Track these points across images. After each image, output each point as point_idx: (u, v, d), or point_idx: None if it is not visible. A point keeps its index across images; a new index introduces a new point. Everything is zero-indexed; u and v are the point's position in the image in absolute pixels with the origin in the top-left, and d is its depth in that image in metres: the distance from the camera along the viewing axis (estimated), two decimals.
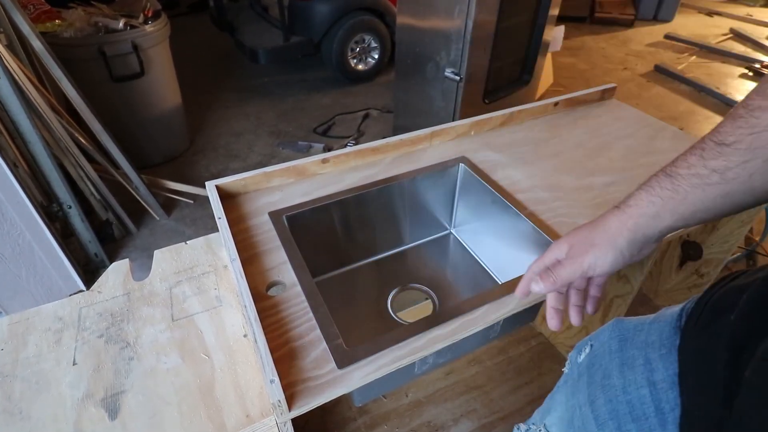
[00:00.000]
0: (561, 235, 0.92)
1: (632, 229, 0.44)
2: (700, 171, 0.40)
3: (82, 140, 1.83)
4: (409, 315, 1.10)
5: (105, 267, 1.81)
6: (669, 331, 0.46)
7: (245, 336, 0.78)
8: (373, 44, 3.30)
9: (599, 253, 0.46)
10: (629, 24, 4.60)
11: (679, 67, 3.60)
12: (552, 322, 0.56)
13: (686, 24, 4.65)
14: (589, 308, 0.55)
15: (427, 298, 1.14)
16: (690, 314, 0.45)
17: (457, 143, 1.21)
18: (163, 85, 2.30)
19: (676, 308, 0.48)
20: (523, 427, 0.65)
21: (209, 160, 2.57)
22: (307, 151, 2.66)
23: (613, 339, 0.51)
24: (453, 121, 1.78)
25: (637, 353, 0.47)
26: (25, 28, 1.63)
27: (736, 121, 0.40)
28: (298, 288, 0.80)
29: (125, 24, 2.06)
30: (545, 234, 0.93)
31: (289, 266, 0.85)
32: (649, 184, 0.44)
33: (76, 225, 1.75)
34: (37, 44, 1.67)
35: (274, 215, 0.96)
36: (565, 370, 0.60)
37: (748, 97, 0.41)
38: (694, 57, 3.82)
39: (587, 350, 0.56)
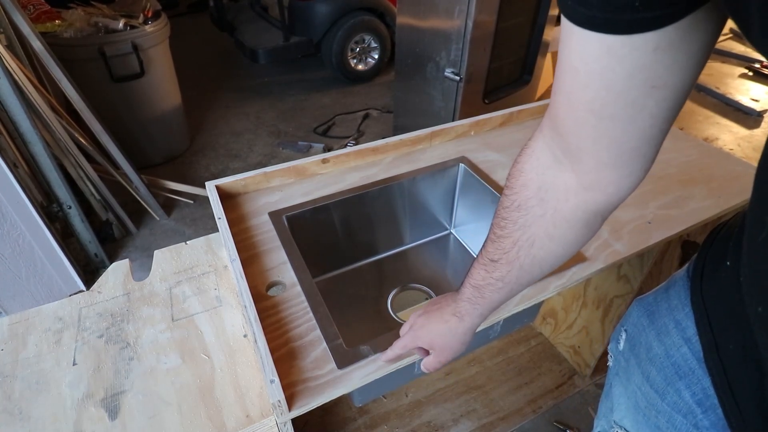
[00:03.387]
0: None
1: (473, 329, 0.60)
2: (490, 281, 0.53)
3: (82, 140, 1.83)
4: (409, 315, 1.10)
5: (105, 267, 1.81)
6: (684, 293, 0.50)
7: (245, 336, 0.78)
8: (373, 44, 3.30)
9: (454, 353, 0.62)
10: None
11: None
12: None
13: None
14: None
15: (427, 298, 1.14)
16: (694, 271, 0.50)
17: (457, 143, 1.21)
18: (163, 85, 2.30)
19: (682, 271, 0.53)
20: None
21: (209, 160, 2.57)
22: (307, 151, 2.66)
23: (642, 316, 0.55)
24: (453, 121, 1.78)
25: (666, 320, 0.51)
26: (25, 28, 1.63)
27: (494, 243, 0.51)
28: (298, 288, 0.80)
29: (125, 24, 2.06)
30: None
31: (289, 266, 0.85)
32: (467, 295, 0.57)
33: (76, 225, 1.75)
34: (37, 44, 1.67)
35: (274, 215, 0.96)
36: (610, 363, 0.63)
37: (494, 224, 0.51)
38: None
39: (624, 336, 0.59)
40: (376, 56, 3.37)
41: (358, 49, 3.27)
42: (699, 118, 3.01)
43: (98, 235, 1.85)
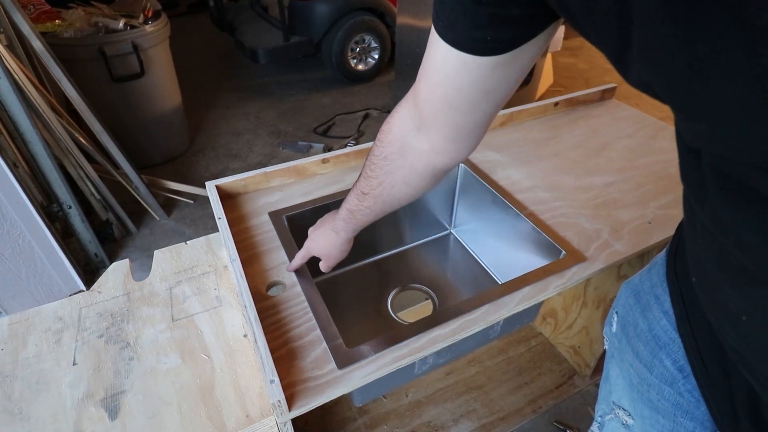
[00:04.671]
0: (560, 235, 0.92)
1: (348, 241, 0.77)
2: (360, 208, 0.67)
3: (82, 140, 1.83)
4: (409, 315, 1.10)
5: (105, 267, 1.81)
6: (663, 270, 0.55)
7: (245, 336, 0.78)
8: (373, 44, 3.30)
9: (336, 259, 0.79)
10: None
11: None
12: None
13: None
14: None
15: (427, 298, 1.14)
16: (670, 248, 0.54)
17: None
18: (163, 85, 2.30)
19: (663, 251, 0.57)
20: (595, 425, 0.68)
21: (209, 160, 2.57)
22: (307, 151, 2.66)
23: (629, 296, 0.60)
24: None
25: (649, 297, 0.55)
26: (25, 28, 1.63)
27: (365, 180, 0.64)
28: (298, 288, 0.81)
29: (125, 24, 2.06)
30: (545, 234, 0.93)
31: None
32: (342, 215, 0.71)
33: (76, 225, 1.75)
34: (37, 44, 1.67)
35: (274, 215, 0.96)
36: (606, 346, 0.66)
37: (366, 165, 0.64)
38: None
39: (615, 318, 0.62)
40: (376, 56, 3.37)
41: (358, 49, 3.27)
42: None
43: (98, 235, 1.85)
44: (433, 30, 0.46)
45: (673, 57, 0.26)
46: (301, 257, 0.81)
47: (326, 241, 0.76)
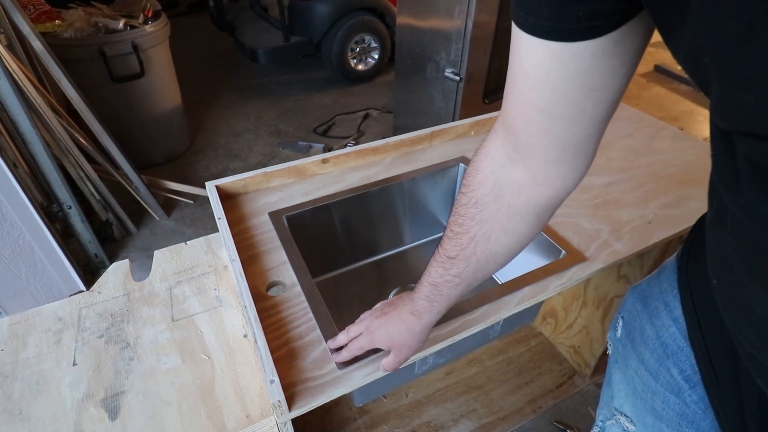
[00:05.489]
0: (560, 235, 0.92)
1: (430, 326, 0.62)
2: (447, 278, 0.55)
3: (82, 140, 1.83)
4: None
5: (105, 267, 1.81)
6: (673, 276, 0.52)
7: (245, 336, 0.78)
8: (373, 44, 3.30)
9: (412, 351, 0.64)
10: None
11: (679, 67, 3.60)
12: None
13: None
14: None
15: None
16: (682, 254, 0.52)
17: (457, 143, 1.21)
18: (163, 85, 2.30)
19: (672, 257, 0.55)
20: (596, 429, 0.67)
21: (209, 160, 2.57)
22: (307, 151, 2.66)
23: (636, 302, 0.57)
24: (453, 121, 1.78)
25: (657, 303, 0.53)
26: (25, 28, 1.63)
27: (451, 240, 0.53)
28: (298, 288, 0.80)
29: (125, 24, 2.06)
30: (545, 234, 0.93)
31: (289, 266, 0.85)
32: (424, 293, 0.59)
33: (76, 225, 1.75)
34: (37, 44, 1.67)
35: (274, 215, 0.96)
36: (609, 351, 0.64)
37: (451, 222, 0.53)
38: None
39: (620, 323, 0.61)
40: (376, 56, 3.37)
41: (358, 49, 3.27)
42: (699, 118, 3.01)
43: (98, 236, 1.85)
44: (514, 30, 0.39)
45: (730, 17, 0.25)
46: (359, 348, 0.65)
47: (401, 328, 0.61)
